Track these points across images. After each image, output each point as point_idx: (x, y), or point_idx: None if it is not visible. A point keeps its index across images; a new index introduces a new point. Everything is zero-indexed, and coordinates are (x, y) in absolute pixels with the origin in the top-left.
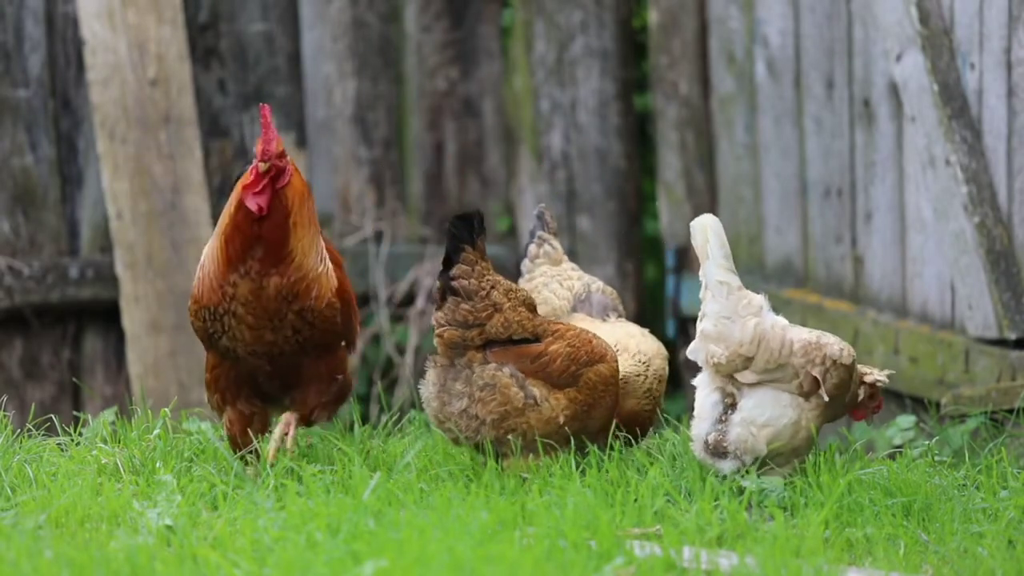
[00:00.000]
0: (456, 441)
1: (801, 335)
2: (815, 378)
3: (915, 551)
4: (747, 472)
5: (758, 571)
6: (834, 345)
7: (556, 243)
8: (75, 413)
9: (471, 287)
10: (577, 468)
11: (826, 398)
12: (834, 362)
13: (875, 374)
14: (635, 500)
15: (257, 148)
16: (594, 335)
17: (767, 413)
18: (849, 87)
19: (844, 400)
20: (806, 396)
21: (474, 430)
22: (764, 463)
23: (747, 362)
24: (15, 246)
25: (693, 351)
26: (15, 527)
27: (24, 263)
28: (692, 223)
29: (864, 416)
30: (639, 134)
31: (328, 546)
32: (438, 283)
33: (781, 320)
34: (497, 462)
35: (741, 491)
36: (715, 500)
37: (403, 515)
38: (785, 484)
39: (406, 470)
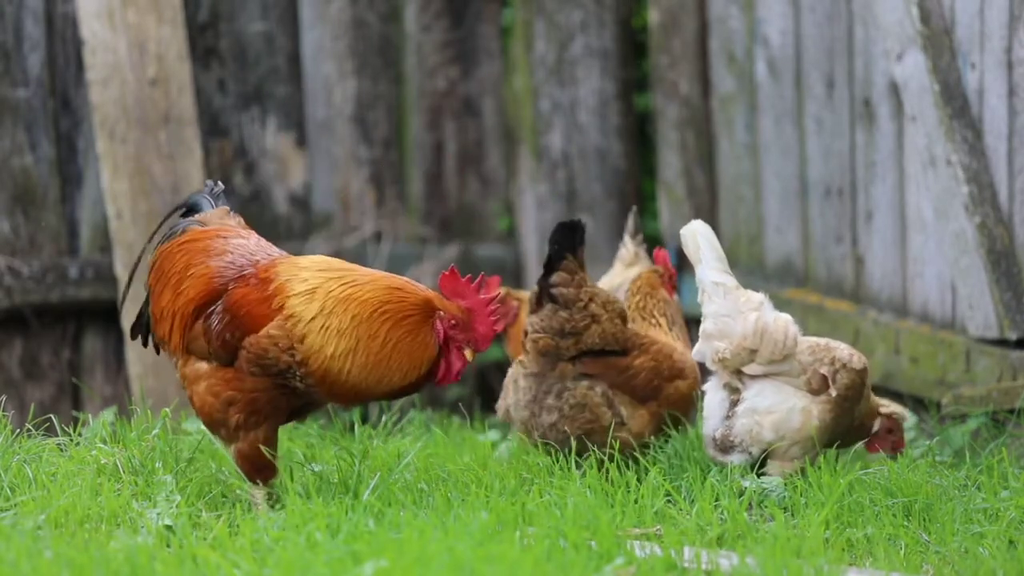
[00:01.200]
0: (536, 445)
1: (810, 339)
2: (823, 376)
3: (916, 551)
4: (751, 469)
5: (758, 571)
6: (843, 349)
7: (631, 245)
8: (75, 413)
9: (570, 295)
10: (577, 468)
11: (834, 393)
12: (843, 365)
13: (893, 407)
14: (635, 500)
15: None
16: (675, 349)
17: (769, 399)
18: (850, 87)
19: (857, 413)
20: (815, 393)
21: (561, 441)
22: (780, 458)
23: (752, 354)
24: (15, 246)
25: (698, 352)
26: (15, 527)
27: (24, 263)
28: (682, 231)
29: (881, 449)
30: (639, 134)
31: (328, 546)
32: (536, 287)
33: (785, 315)
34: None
35: (741, 491)
36: (715, 500)
37: (403, 515)
38: (785, 484)
39: (406, 470)
